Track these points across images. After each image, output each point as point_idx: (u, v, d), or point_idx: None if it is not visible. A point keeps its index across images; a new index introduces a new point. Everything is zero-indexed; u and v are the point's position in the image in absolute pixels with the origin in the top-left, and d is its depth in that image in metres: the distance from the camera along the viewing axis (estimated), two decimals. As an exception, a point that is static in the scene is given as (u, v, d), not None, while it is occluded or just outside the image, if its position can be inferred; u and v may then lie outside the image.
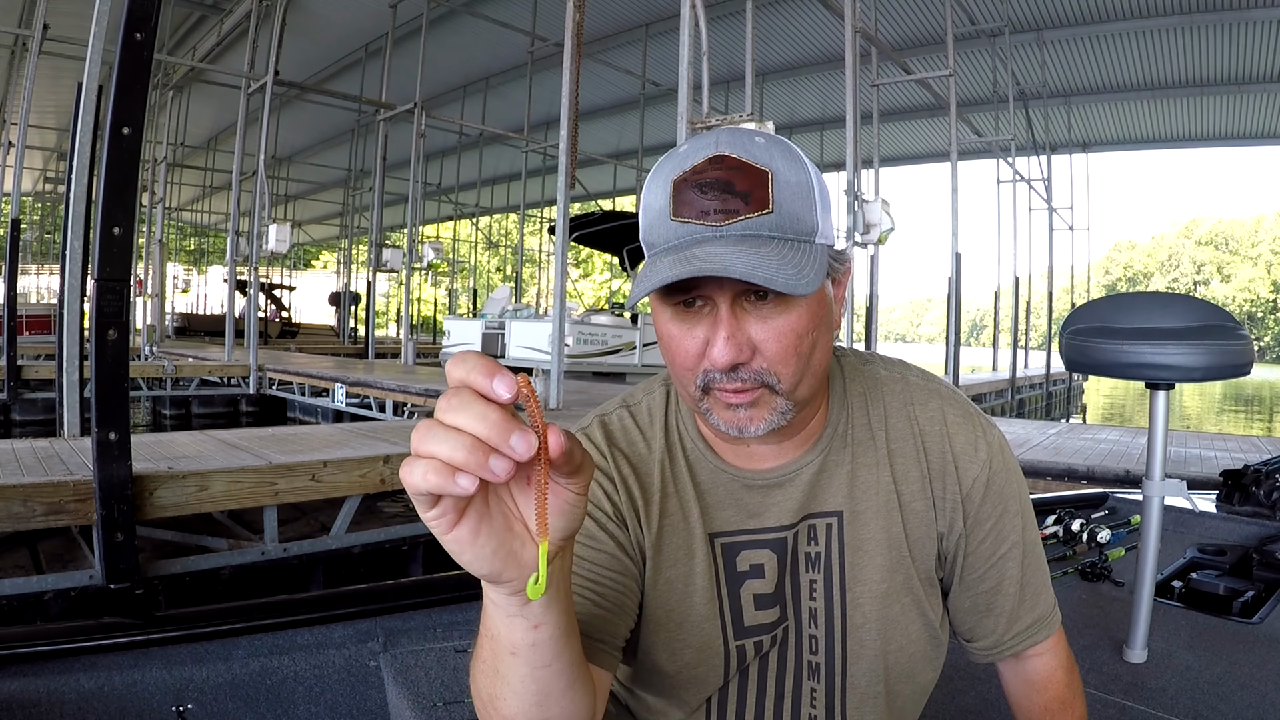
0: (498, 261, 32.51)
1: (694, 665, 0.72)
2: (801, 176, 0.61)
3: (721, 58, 8.95)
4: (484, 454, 0.38)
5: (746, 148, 0.60)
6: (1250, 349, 1.32)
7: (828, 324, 0.65)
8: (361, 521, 4.12)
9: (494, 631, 0.51)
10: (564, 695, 0.54)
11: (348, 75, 14.77)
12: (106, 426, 2.90)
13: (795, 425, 0.70)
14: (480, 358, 0.40)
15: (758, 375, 0.62)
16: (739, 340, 0.60)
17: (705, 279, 0.59)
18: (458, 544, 0.43)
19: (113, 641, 1.21)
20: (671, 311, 0.63)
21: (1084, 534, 2.03)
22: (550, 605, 0.49)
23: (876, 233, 6.76)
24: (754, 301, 0.61)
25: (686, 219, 0.60)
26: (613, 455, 0.73)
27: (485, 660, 0.54)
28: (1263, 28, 11.21)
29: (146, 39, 2.96)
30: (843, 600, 0.73)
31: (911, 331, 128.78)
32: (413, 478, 0.39)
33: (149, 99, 3.54)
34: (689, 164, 0.61)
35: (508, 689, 0.53)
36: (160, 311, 13.70)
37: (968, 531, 0.74)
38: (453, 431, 0.39)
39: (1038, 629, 0.78)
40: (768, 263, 0.57)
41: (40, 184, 21.23)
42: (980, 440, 0.74)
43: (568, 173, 5.83)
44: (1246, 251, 65.41)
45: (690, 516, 0.72)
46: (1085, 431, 6.75)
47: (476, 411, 0.39)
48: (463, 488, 0.38)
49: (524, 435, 0.39)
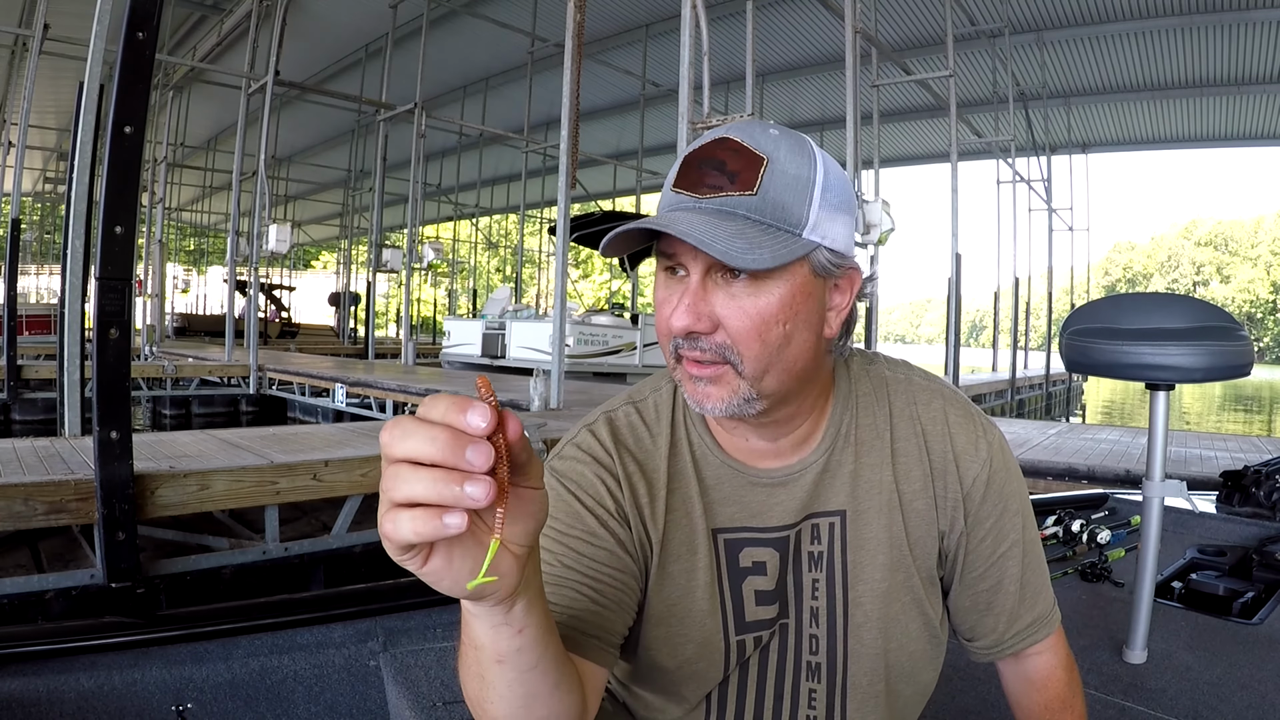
0: (498, 262, 32.52)
1: (694, 660, 0.72)
2: (803, 171, 0.63)
3: (722, 58, 8.94)
4: (456, 481, 0.37)
5: (753, 135, 0.63)
6: (1250, 349, 1.32)
7: (808, 321, 0.65)
8: (362, 521, 4.12)
9: (477, 642, 0.51)
10: (551, 695, 0.54)
11: (348, 76, 14.77)
12: (108, 425, 2.89)
13: (783, 421, 0.71)
14: (450, 399, 0.39)
15: (719, 349, 0.63)
16: (699, 309, 0.62)
17: (683, 249, 0.62)
18: (434, 575, 0.42)
19: (113, 641, 1.21)
20: (663, 277, 0.66)
21: (1084, 534, 2.03)
22: (531, 607, 0.49)
23: (877, 233, 6.75)
24: (726, 278, 0.62)
25: (680, 190, 0.63)
26: (619, 453, 0.73)
27: (470, 668, 0.54)
28: (1262, 28, 11.21)
29: (149, 38, 2.95)
30: (845, 599, 0.73)
31: (911, 332, 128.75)
32: (400, 533, 0.38)
33: (150, 99, 3.54)
34: (702, 143, 0.64)
35: (494, 693, 0.53)
36: (160, 312, 13.70)
37: (968, 530, 0.74)
38: (415, 468, 0.38)
39: (1037, 628, 0.78)
40: (721, 235, 0.59)
41: (40, 184, 21.24)
42: (981, 440, 0.75)
43: (568, 173, 5.83)
44: (1246, 252, 65.41)
45: (694, 512, 0.73)
46: (1085, 432, 6.74)
47: (424, 435, 0.38)
48: (454, 527, 0.38)
49: (477, 446, 0.38)
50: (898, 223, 6.87)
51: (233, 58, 12.75)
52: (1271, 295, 63.12)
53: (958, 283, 8.76)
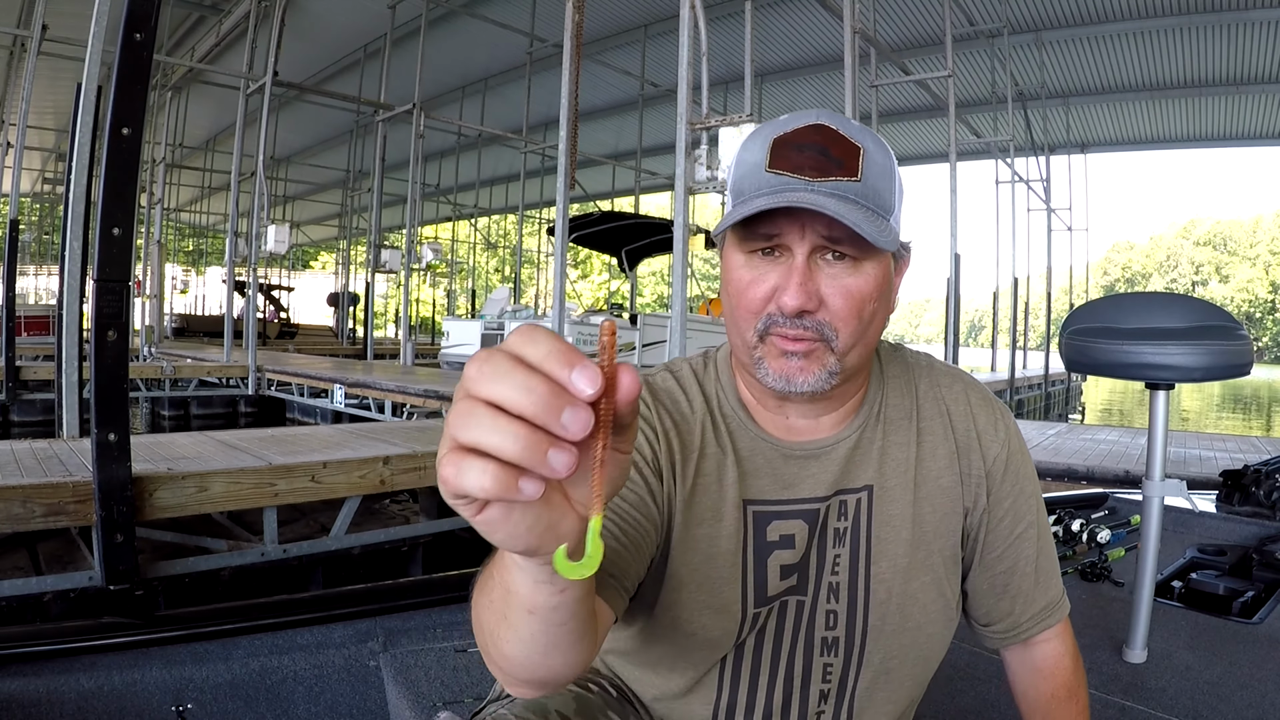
0: (496, 262, 32.50)
1: (710, 628, 0.73)
2: (887, 161, 0.66)
3: (720, 58, 8.96)
4: (542, 445, 0.32)
5: (843, 124, 0.66)
6: (1249, 349, 1.32)
7: (887, 301, 0.69)
8: (361, 522, 4.12)
9: (511, 588, 0.46)
10: (571, 649, 0.52)
11: (346, 76, 14.75)
12: (106, 427, 2.89)
13: (836, 397, 0.73)
14: (553, 338, 0.34)
15: (819, 327, 0.65)
16: (810, 289, 0.64)
17: (789, 230, 0.64)
18: (488, 525, 0.36)
19: (112, 641, 1.21)
20: (745, 257, 0.67)
21: (1084, 534, 2.04)
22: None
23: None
24: (828, 260, 0.65)
25: (781, 171, 0.64)
26: (656, 408, 0.75)
27: (493, 604, 0.50)
28: (1261, 28, 11.22)
29: (146, 39, 2.95)
30: (867, 574, 0.75)
31: (910, 332, 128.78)
32: (464, 484, 0.33)
33: (148, 99, 3.54)
34: (790, 128, 0.66)
35: (514, 635, 0.50)
36: (159, 312, 13.68)
37: (989, 507, 0.78)
38: (496, 413, 0.32)
39: (1050, 612, 0.81)
40: (854, 216, 0.62)
41: (39, 184, 21.21)
42: (999, 421, 0.79)
43: (567, 173, 5.82)
44: (1245, 252, 65.43)
45: (725, 479, 0.74)
46: (1085, 432, 6.75)
47: (519, 381, 0.32)
48: (529, 494, 0.33)
49: (576, 411, 0.32)
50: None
51: (231, 58, 12.74)
52: (1270, 295, 63.16)
53: (956, 282, 8.76)
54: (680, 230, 5.08)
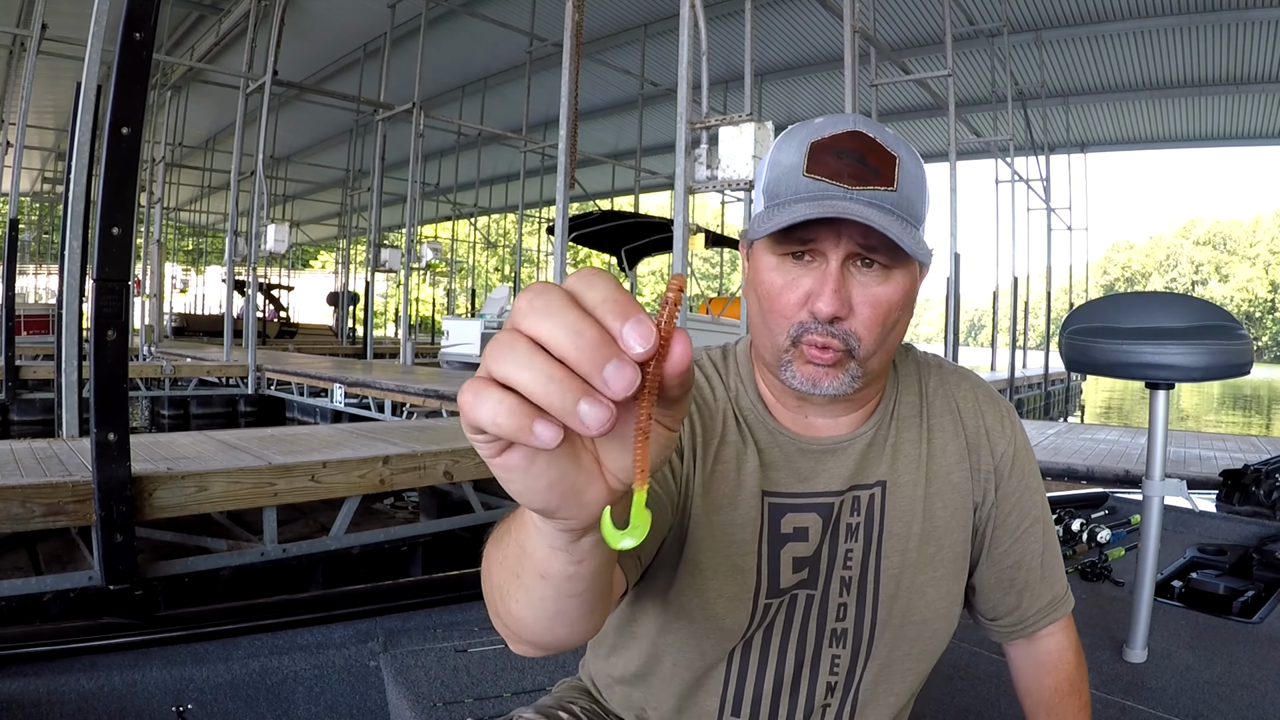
0: (496, 262, 32.50)
1: (722, 616, 0.73)
2: (919, 172, 0.67)
3: (720, 57, 8.94)
4: (575, 393, 0.30)
5: (879, 132, 0.66)
6: (1249, 348, 1.32)
7: (910, 308, 0.70)
8: (361, 522, 4.12)
9: (528, 549, 0.44)
10: (581, 620, 0.51)
11: (346, 75, 14.74)
12: (106, 427, 2.89)
13: (855, 399, 0.74)
14: (614, 286, 0.32)
15: (845, 336, 0.66)
16: (843, 295, 0.65)
17: (826, 237, 0.65)
18: (507, 471, 0.34)
19: (112, 642, 1.21)
20: (777, 260, 0.68)
21: (1084, 534, 2.04)
22: (599, 544, 0.41)
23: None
24: (859, 267, 0.66)
25: (819, 177, 0.64)
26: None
27: (507, 561, 0.49)
28: (1261, 28, 11.21)
29: (146, 38, 2.95)
30: (877, 569, 0.76)
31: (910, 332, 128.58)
32: (476, 413, 0.31)
33: (147, 99, 3.54)
34: (827, 132, 0.66)
35: (525, 597, 0.48)
36: (158, 312, 13.67)
37: (998, 502, 0.79)
38: (534, 349, 0.30)
39: (1055, 606, 0.83)
40: (895, 229, 0.62)
41: (38, 184, 21.21)
42: (1006, 418, 0.81)
43: (567, 173, 5.82)
44: (1244, 252, 65.40)
45: (744, 469, 0.74)
46: (1085, 431, 6.75)
47: (568, 323, 0.30)
48: (542, 441, 0.30)
49: (621, 366, 0.30)
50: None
51: (231, 57, 12.73)
52: (1270, 294, 63.15)
53: (956, 282, 8.76)
54: (680, 229, 5.08)
